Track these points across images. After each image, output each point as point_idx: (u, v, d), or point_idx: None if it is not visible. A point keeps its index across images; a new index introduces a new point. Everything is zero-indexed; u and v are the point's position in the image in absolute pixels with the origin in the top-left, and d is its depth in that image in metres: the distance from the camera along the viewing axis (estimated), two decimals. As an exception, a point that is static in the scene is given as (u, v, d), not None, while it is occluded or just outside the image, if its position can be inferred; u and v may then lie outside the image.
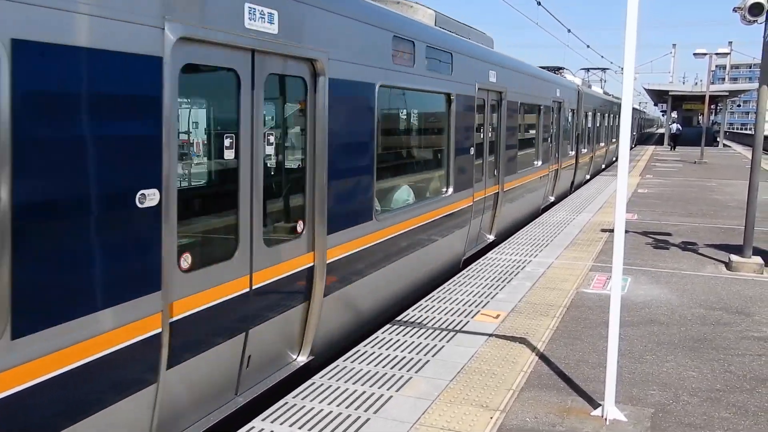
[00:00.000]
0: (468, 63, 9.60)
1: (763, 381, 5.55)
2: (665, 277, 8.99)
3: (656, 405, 5.05)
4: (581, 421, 4.74)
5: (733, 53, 53.08)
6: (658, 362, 5.92)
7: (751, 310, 7.52)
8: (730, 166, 29.71)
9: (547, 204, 16.66)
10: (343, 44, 6.01)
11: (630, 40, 4.60)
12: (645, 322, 7.02)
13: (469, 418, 4.73)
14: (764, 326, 6.97)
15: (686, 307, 7.63)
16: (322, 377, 5.40)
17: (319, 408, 4.84)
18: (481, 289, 8.11)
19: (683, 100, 54.41)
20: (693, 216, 14.54)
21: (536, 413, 4.86)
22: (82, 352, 3.53)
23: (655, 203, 16.48)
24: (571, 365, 5.79)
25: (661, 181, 22.24)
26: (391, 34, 6.93)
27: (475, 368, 5.64)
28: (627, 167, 4.78)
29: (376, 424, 4.62)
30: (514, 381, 5.41)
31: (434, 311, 7.17)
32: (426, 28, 8.35)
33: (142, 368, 3.96)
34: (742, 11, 9.09)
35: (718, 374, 5.69)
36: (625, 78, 4.75)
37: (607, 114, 29.31)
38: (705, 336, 6.65)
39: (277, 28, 4.99)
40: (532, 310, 7.34)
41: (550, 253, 10.32)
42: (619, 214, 4.79)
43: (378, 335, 6.42)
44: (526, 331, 6.61)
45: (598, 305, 7.50)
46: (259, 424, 4.58)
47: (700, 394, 5.26)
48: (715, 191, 19.58)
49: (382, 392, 5.13)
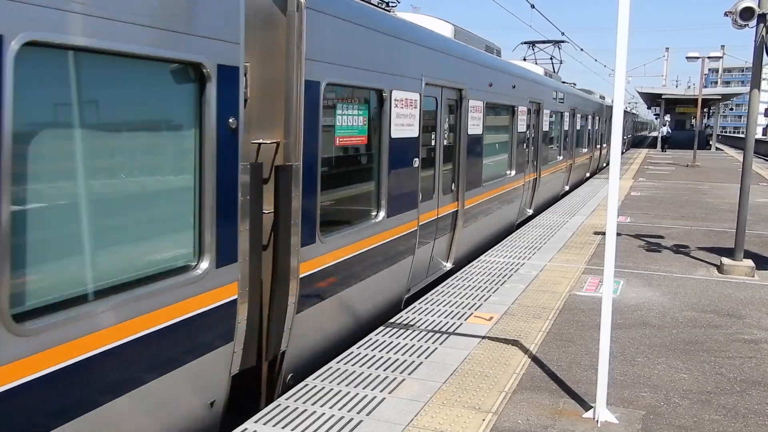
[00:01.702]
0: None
1: (754, 383, 5.59)
2: (657, 279, 9.03)
3: (647, 407, 5.07)
4: (573, 423, 4.76)
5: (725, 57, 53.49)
6: (650, 365, 5.95)
7: (742, 313, 7.56)
8: (722, 170, 29.86)
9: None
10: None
11: (621, 42, 4.63)
12: (637, 325, 7.05)
13: (461, 420, 4.74)
14: (755, 329, 7.01)
15: (678, 309, 7.66)
16: (314, 379, 5.40)
17: (312, 410, 4.84)
18: (474, 291, 8.12)
19: (676, 104, 54.66)
20: (685, 219, 14.60)
21: (528, 415, 4.87)
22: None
23: (647, 206, 16.54)
24: (563, 367, 5.81)
25: (653, 184, 22.33)
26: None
27: (468, 370, 5.66)
28: (618, 170, 4.80)
29: (368, 426, 4.63)
30: (507, 383, 5.42)
31: (427, 313, 7.18)
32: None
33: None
34: (734, 15, 9.15)
35: (708, 376, 5.72)
36: (616, 81, 4.78)
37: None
38: (696, 338, 6.68)
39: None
40: (525, 312, 7.36)
41: (543, 255, 10.34)
42: (610, 217, 4.82)
43: (371, 337, 6.42)
44: (519, 334, 6.63)
45: (591, 308, 7.53)
46: (252, 426, 4.58)
47: (690, 397, 5.29)
48: (707, 194, 19.67)
49: (375, 394, 5.14)
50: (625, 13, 4.57)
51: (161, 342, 4.13)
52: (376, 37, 6.84)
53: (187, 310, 4.30)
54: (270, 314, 5.38)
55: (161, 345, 4.13)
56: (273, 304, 5.38)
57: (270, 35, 5.28)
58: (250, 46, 4.84)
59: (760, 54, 9.14)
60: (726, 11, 9.38)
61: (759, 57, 9.15)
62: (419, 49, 7.97)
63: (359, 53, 6.44)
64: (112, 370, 3.80)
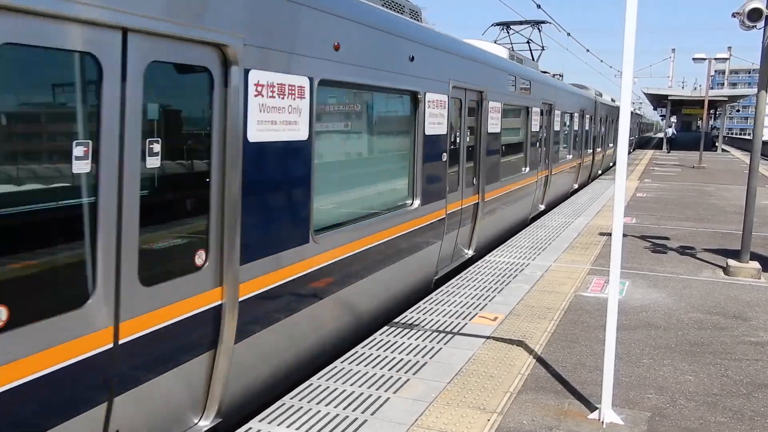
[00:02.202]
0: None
1: (760, 386, 5.57)
2: (663, 281, 9.00)
3: (653, 409, 5.06)
4: (578, 424, 4.75)
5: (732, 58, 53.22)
6: (655, 366, 5.93)
7: (748, 315, 7.53)
8: (728, 171, 29.76)
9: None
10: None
11: (629, 43, 4.62)
12: (642, 326, 7.03)
13: (466, 421, 4.74)
14: (761, 331, 6.99)
15: (683, 311, 7.64)
16: (319, 378, 5.40)
17: (317, 409, 4.85)
18: (479, 291, 8.12)
19: (682, 105, 54.51)
20: (691, 220, 14.56)
21: (533, 416, 4.86)
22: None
23: (653, 207, 16.50)
24: (568, 368, 5.80)
25: (659, 185, 22.27)
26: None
27: (473, 371, 5.65)
28: (625, 171, 4.79)
29: (373, 425, 4.63)
30: (512, 384, 5.41)
31: (432, 313, 7.18)
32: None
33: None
34: (741, 16, 9.12)
35: (714, 379, 5.70)
36: (623, 81, 4.76)
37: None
38: (702, 340, 6.66)
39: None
40: (530, 313, 7.35)
41: (549, 256, 10.33)
42: (617, 218, 4.81)
43: (375, 337, 6.42)
44: (524, 334, 6.62)
45: (596, 308, 7.51)
46: (257, 425, 4.59)
47: (696, 399, 5.27)
48: (713, 196, 19.61)
49: (380, 394, 5.14)
50: (632, 14, 4.55)
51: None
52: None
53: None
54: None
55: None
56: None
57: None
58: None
59: (767, 55, 9.10)
60: (733, 12, 9.35)
61: (767, 58, 9.11)
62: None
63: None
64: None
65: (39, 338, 3.35)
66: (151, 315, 4.05)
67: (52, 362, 3.43)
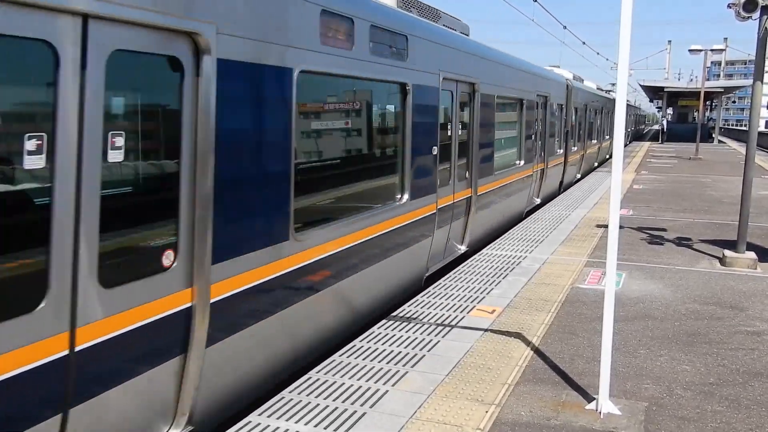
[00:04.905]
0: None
1: (756, 375, 5.60)
2: (660, 272, 9.03)
3: (650, 399, 5.09)
4: (576, 415, 4.78)
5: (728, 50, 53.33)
6: (652, 356, 5.96)
7: (744, 305, 7.57)
8: (724, 162, 29.82)
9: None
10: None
11: (624, 35, 4.62)
12: (639, 317, 7.06)
13: (464, 412, 4.76)
14: (757, 321, 7.02)
15: (680, 302, 7.67)
16: (318, 372, 5.42)
17: (315, 402, 4.87)
18: (477, 284, 8.14)
19: (678, 97, 54.54)
20: (688, 212, 14.59)
21: (531, 407, 4.89)
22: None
23: (650, 199, 16.53)
24: (565, 360, 5.83)
25: (656, 177, 22.30)
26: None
27: (471, 363, 5.67)
28: (621, 163, 4.81)
29: (372, 418, 4.65)
30: (510, 375, 5.44)
31: (429, 306, 7.20)
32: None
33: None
34: (737, 7, 9.12)
35: (711, 368, 5.73)
36: (619, 74, 4.77)
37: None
38: (699, 330, 6.69)
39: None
40: (528, 305, 7.37)
41: (546, 248, 10.35)
42: (613, 210, 4.82)
43: (373, 330, 6.44)
44: (522, 326, 6.64)
45: (593, 300, 7.54)
46: (256, 419, 4.61)
47: (693, 388, 5.30)
48: (709, 187, 19.65)
49: (378, 387, 5.16)
50: (628, 6, 4.56)
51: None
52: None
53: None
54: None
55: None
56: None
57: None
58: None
59: (763, 46, 9.10)
60: (729, 3, 9.34)
61: (762, 49, 9.11)
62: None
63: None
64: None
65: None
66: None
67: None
